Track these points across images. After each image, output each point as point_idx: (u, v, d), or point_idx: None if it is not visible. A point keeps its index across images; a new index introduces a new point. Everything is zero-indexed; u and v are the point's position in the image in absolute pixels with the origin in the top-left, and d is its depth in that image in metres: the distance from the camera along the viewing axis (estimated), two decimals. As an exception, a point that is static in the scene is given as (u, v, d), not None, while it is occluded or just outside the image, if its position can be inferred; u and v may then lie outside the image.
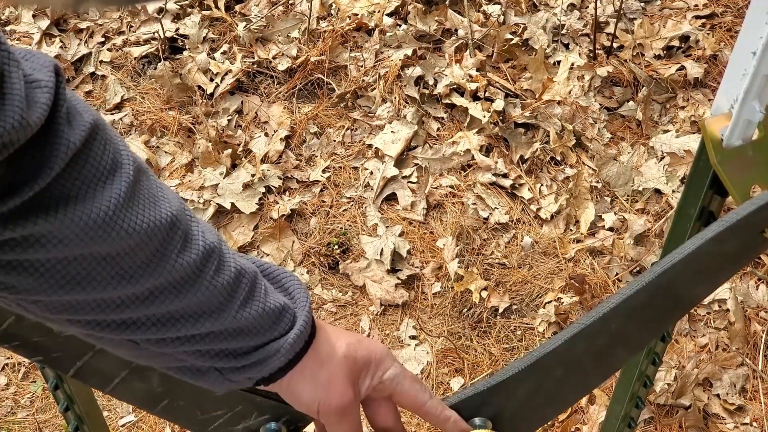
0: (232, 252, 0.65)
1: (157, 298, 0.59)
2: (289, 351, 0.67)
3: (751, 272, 2.14)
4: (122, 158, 0.55)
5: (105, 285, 0.56)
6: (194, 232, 0.60)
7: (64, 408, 1.11)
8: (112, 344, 0.63)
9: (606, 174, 2.34)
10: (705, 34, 2.60)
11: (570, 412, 1.93)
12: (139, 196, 0.56)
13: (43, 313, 0.57)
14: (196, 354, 0.65)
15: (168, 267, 0.58)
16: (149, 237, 0.56)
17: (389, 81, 2.49)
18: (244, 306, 0.64)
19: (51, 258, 0.52)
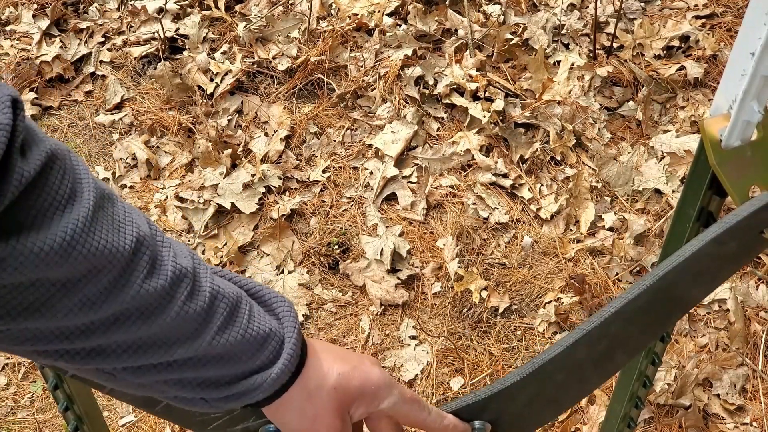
0: (211, 275, 0.63)
1: (123, 324, 0.58)
2: (274, 384, 0.65)
3: (751, 272, 2.14)
4: (82, 187, 0.55)
5: (66, 312, 0.55)
6: (164, 257, 0.59)
7: (64, 408, 1.11)
8: (89, 374, 0.61)
9: (606, 174, 2.34)
10: (705, 34, 2.60)
11: (570, 412, 1.93)
12: (100, 222, 0.55)
13: (8, 346, 0.56)
14: (177, 384, 0.63)
15: (132, 292, 0.57)
16: (110, 261, 0.55)
17: (389, 81, 2.49)
18: (221, 332, 0.62)
19: (6, 284, 0.51)
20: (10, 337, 0.55)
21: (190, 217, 2.27)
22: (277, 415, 0.69)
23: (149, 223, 0.60)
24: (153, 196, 2.32)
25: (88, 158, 2.42)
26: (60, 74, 2.60)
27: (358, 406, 0.71)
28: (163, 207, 2.28)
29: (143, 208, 2.29)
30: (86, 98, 2.58)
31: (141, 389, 0.64)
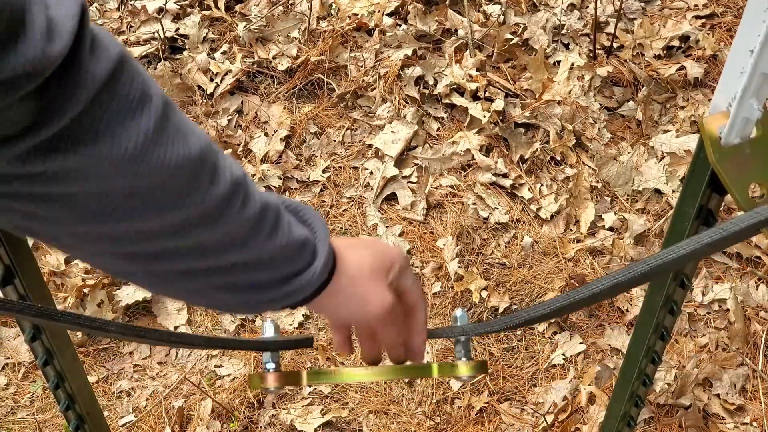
0: (257, 187, 0.66)
1: (187, 230, 0.60)
2: (314, 283, 0.69)
3: (751, 272, 2.14)
4: (151, 91, 0.54)
5: (138, 218, 0.56)
6: (222, 166, 0.61)
7: (65, 407, 1.12)
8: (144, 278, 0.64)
9: (606, 174, 2.34)
10: (705, 34, 2.60)
11: (570, 411, 1.93)
12: (168, 130, 0.55)
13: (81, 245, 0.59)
14: (225, 289, 0.66)
15: (197, 200, 0.59)
16: (178, 171, 0.56)
17: (389, 81, 2.49)
18: (269, 238, 0.65)
19: (81, 192, 0.53)
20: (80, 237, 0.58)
21: (190, 217, 2.27)
22: (324, 308, 0.74)
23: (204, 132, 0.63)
24: (153, 196, 2.32)
25: (89, 158, 2.43)
26: (60, 74, 2.59)
27: (394, 278, 0.77)
28: (163, 207, 2.28)
29: (143, 208, 2.29)
30: (86, 98, 2.58)
31: (191, 295, 0.68)
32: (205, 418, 1.94)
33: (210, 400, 1.95)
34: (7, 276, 0.91)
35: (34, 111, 0.48)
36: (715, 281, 2.13)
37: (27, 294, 0.93)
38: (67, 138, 0.50)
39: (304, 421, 1.93)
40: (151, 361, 2.06)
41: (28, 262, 0.93)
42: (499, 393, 1.97)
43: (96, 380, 2.01)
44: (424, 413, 1.93)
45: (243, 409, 1.96)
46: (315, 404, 1.97)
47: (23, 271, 0.91)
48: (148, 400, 1.99)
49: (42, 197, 0.52)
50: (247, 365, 2.03)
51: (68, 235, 0.58)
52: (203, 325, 2.11)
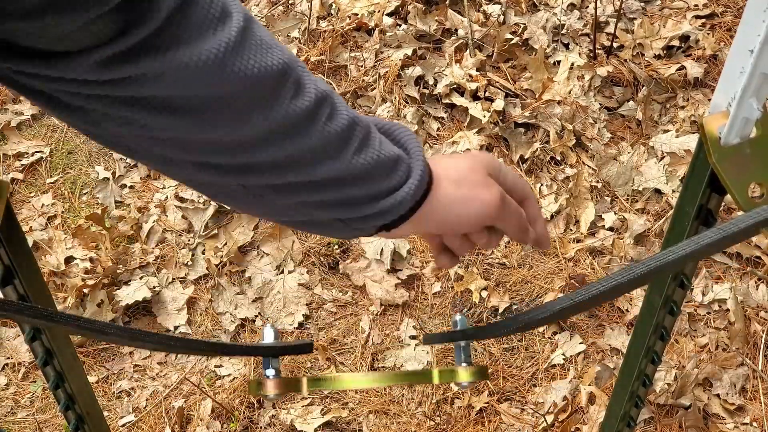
0: (345, 102, 0.68)
1: (272, 142, 0.62)
2: (411, 199, 0.70)
3: (751, 272, 2.14)
4: (233, 6, 0.58)
5: (226, 126, 0.60)
6: (306, 80, 0.63)
7: (65, 407, 1.12)
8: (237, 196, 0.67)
9: (606, 174, 2.34)
10: (705, 33, 2.60)
11: (570, 411, 1.93)
12: (249, 42, 0.58)
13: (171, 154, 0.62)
14: (317, 205, 0.68)
15: (281, 111, 0.61)
16: (260, 81, 0.59)
17: (389, 81, 2.49)
18: (358, 153, 0.66)
19: (167, 95, 0.56)
20: (177, 145, 0.61)
21: (190, 217, 2.27)
22: (434, 218, 0.73)
23: (289, 50, 0.64)
24: (153, 196, 2.32)
25: (88, 158, 2.43)
26: (60, 74, 2.60)
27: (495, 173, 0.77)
28: (163, 207, 2.28)
29: (143, 208, 2.29)
30: (86, 98, 2.58)
31: (283, 213, 0.70)
32: (205, 418, 1.94)
33: (210, 400, 1.95)
34: (6, 276, 0.90)
35: (120, 21, 0.52)
36: (715, 281, 2.13)
37: (27, 294, 0.93)
38: (149, 46, 0.54)
39: (304, 421, 1.93)
40: (151, 361, 2.06)
41: (27, 262, 0.93)
42: (499, 393, 1.97)
43: (96, 380, 2.01)
44: (424, 413, 1.93)
45: (243, 409, 1.96)
46: (315, 404, 1.97)
47: (23, 271, 0.91)
48: (148, 400, 1.99)
49: (131, 101, 0.56)
50: (247, 365, 2.03)
51: (163, 144, 0.61)
52: (203, 325, 2.11)
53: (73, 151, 2.45)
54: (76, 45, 0.52)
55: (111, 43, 0.53)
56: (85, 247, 2.19)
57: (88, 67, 0.53)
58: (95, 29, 0.52)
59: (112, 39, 0.53)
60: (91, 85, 0.55)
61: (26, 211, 2.31)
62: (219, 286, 2.16)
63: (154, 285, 2.14)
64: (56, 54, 0.52)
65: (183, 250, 2.21)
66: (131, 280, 2.15)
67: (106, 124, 0.59)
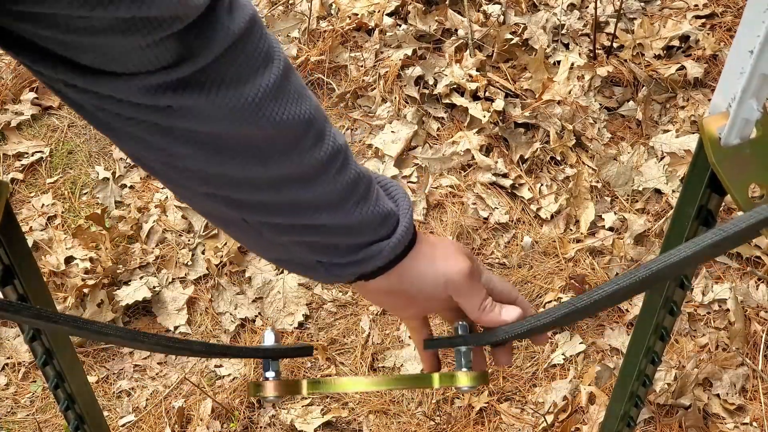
0: (353, 157, 0.71)
1: (283, 185, 0.65)
2: (391, 252, 0.73)
3: (751, 272, 2.14)
4: (275, 52, 0.61)
5: (243, 165, 0.62)
6: (327, 132, 0.66)
7: (65, 407, 1.12)
8: (235, 226, 0.70)
9: (606, 174, 2.34)
10: (705, 34, 2.60)
11: (570, 411, 1.93)
12: (286, 89, 0.61)
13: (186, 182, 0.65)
14: (307, 246, 0.71)
15: (299, 158, 0.64)
16: (288, 128, 0.62)
17: (389, 81, 2.49)
18: (357, 205, 0.70)
19: (200, 130, 0.59)
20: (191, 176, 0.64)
21: (190, 217, 2.27)
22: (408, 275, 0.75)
23: (315, 98, 0.66)
24: (153, 196, 2.32)
25: (88, 158, 2.43)
26: (60, 74, 2.59)
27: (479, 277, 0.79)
28: (163, 207, 2.28)
29: (143, 208, 2.29)
30: (86, 98, 2.58)
31: (274, 250, 0.73)
32: (205, 418, 1.94)
33: (210, 400, 1.95)
34: (6, 276, 0.90)
35: (173, 53, 0.55)
36: (715, 281, 2.13)
37: (26, 294, 0.93)
38: (195, 81, 0.56)
39: (304, 421, 1.93)
40: (151, 361, 2.06)
41: (27, 262, 0.93)
42: (499, 393, 1.97)
43: (96, 380, 2.01)
44: (424, 413, 1.93)
45: (243, 409, 1.96)
46: (315, 404, 1.97)
47: (23, 271, 0.91)
48: (148, 400, 1.99)
49: (165, 129, 0.59)
50: (247, 365, 2.03)
51: (180, 172, 0.64)
52: (203, 325, 2.11)
53: (73, 151, 2.45)
54: (129, 68, 0.54)
55: (163, 71, 0.55)
56: (85, 247, 2.19)
57: (137, 89, 0.55)
58: (150, 55, 0.54)
59: (164, 68, 0.55)
60: (133, 108, 0.57)
61: (26, 211, 2.31)
62: (219, 286, 2.16)
63: (154, 285, 2.14)
64: (108, 73, 0.54)
65: (183, 250, 2.22)
66: (131, 280, 2.15)
67: (131, 144, 0.62)
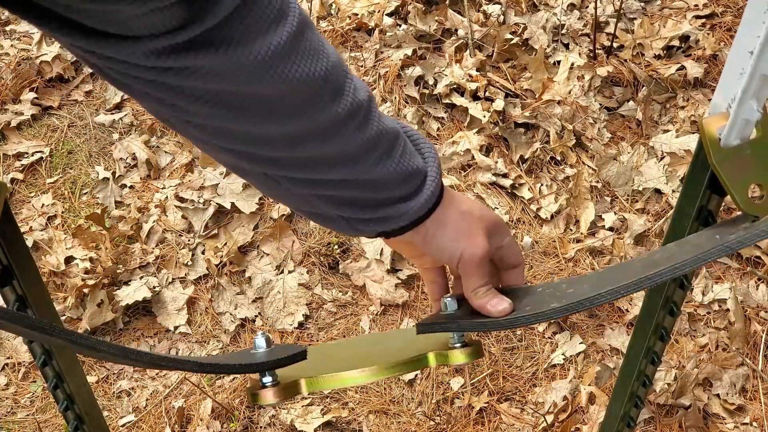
0: (379, 113, 0.70)
1: (301, 141, 0.65)
2: (414, 215, 0.73)
3: (751, 272, 2.14)
4: (290, 9, 0.60)
5: (256, 122, 0.63)
6: (345, 88, 0.66)
7: (64, 408, 1.12)
8: (256, 178, 0.70)
9: (606, 174, 2.34)
10: (705, 34, 2.60)
11: (570, 411, 1.93)
12: (300, 47, 0.61)
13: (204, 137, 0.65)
14: (327, 200, 0.71)
15: (315, 116, 0.64)
16: (301, 86, 0.62)
17: (389, 81, 2.49)
18: (378, 162, 0.70)
19: (211, 89, 0.59)
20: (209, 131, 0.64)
21: (190, 217, 2.27)
22: (429, 237, 0.76)
23: (336, 52, 0.66)
24: (153, 196, 2.32)
25: (88, 158, 2.42)
26: (60, 74, 2.60)
27: (494, 237, 0.80)
28: (163, 207, 2.28)
29: (143, 208, 2.29)
30: (86, 98, 2.58)
31: (295, 200, 0.73)
32: (205, 418, 1.94)
33: (210, 400, 1.95)
34: (4, 277, 0.90)
35: (179, 17, 0.54)
36: (715, 281, 2.13)
37: (25, 295, 0.93)
38: (202, 42, 0.56)
39: (304, 421, 1.93)
40: (151, 361, 2.06)
41: (26, 262, 0.93)
42: (499, 393, 1.97)
43: (96, 380, 2.01)
44: (424, 413, 1.93)
45: (243, 409, 1.96)
46: (315, 404, 1.97)
47: (21, 271, 0.91)
48: (148, 400, 1.99)
49: (176, 88, 0.59)
50: (247, 365, 2.03)
51: (196, 128, 0.64)
52: (203, 325, 2.11)
53: (73, 151, 2.45)
54: (134, 31, 0.54)
55: (168, 34, 0.55)
56: (85, 247, 2.19)
57: (141, 53, 0.56)
58: (156, 20, 0.54)
59: (170, 31, 0.55)
60: (139, 69, 0.57)
61: (26, 211, 2.30)
62: (219, 286, 2.16)
63: (154, 285, 2.14)
64: (113, 36, 0.55)
65: (183, 250, 2.21)
66: (131, 280, 2.15)
67: (147, 102, 0.63)
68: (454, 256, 0.77)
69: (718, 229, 0.75)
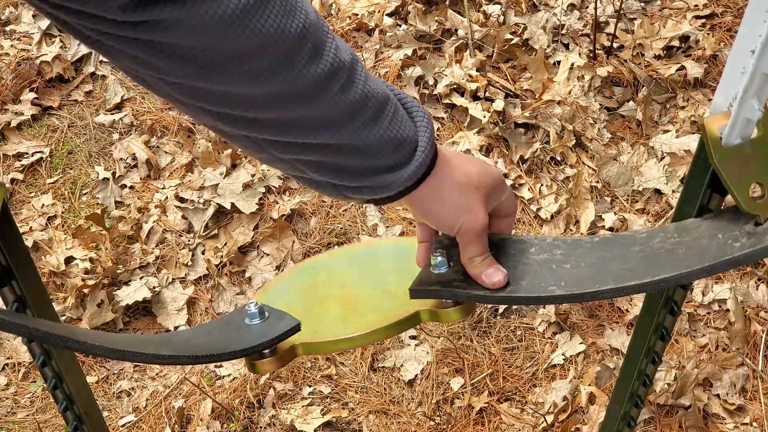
0: (366, 75, 0.67)
1: (280, 102, 0.63)
2: (401, 185, 0.71)
3: (751, 272, 2.14)
4: None
5: (232, 80, 0.60)
6: (326, 47, 0.63)
7: (63, 408, 1.11)
8: (239, 141, 0.68)
9: (606, 174, 2.34)
10: (705, 34, 2.60)
11: (570, 411, 1.93)
12: (273, 1, 0.59)
13: (180, 97, 0.63)
14: (313, 165, 0.69)
15: (292, 75, 0.62)
16: (275, 42, 0.59)
17: (389, 81, 2.49)
18: (365, 127, 0.67)
19: (183, 44, 0.57)
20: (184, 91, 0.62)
21: (190, 217, 2.27)
22: (426, 205, 0.75)
23: (317, 13, 0.64)
24: (153, 196, 2.32)
25: (88, 158, 2.42)
26: (60, 74, 2.60)
27: (493, 196, 0.79)
28: (163, 207, 2.28)
29: (143, 208, 2.29)
30: (86, 98, 2.58)
31: (281, 164, 0.71)
32: (205, 418, 1.94)
33: (210, 400, 1.95)
34: (4, 277, 0.90)
35: None
36: (715, 281, 2.13)
37: (25, 295, 0.93)
38: None
39: (304, 421, 1.93)
40: (151, 361, 2.06)
41: (25, 263, 0.93)
42: (499, 393, 1.97)
43: (96, 380, 2.01)
44: (424, 413, 1.93)
45: (243, 409, 1.95)
46: (315, 404, 1.97)
47: (20, 272, 0.91)
48: (148, 400, 1.99)
49: (146, 43, 0.58)
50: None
51: (171, 86, 0.62)
52: (203, 326, 2.10)
53: (73, 151, 2.45)
54: None
55: None
56: (85, 247, 2.19)
57: (108, 7, 0.55)
58: None
59: None
60: (108, 24, 0.56)
61: (26, 211, 2.30)
62: (219, 286, 2.16)
63: (154, 285, 2.14)
64: None
65: (183, 250, 2.21)
66: (131, 280, 2.15)
67: (121, 60, 0.61)
68: (453, 228, 0.77)
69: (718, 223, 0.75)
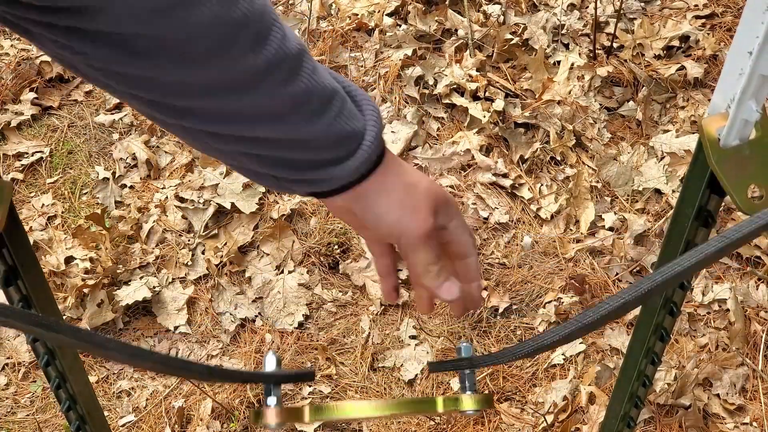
0: (314, 67, 0.64)
1: (214, 92, 0.59)
2: (344, 179, 0.68)
3: (751, 272, 2.14)
4: None
5: (162, 65, 0.57)
6: (270, 37, 0.60)
7: (66, 408, 1.12)
8: (176, 131, 0.65)
9: (606, 174, 2.34)
10: (705, 34, 2.60)
11: (570, 411, 1.93)
12: None
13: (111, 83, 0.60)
14: (253, 158, 0.66)
15: (229, 64, 0.58)
16: (210, 29, 0.56)
17: (389, 81, 2.49)
18: (308, 121, 0.64)
19: (109, 31, 0.54)
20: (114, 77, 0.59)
21: (190, 217, 2.27)
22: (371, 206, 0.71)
23: (266, 1, 0.60)
24: (153, 196, 2.32)
25: (88, 158, 2.43)
26: (60, 74, 2.60)
27: (441, 215, 0.74)
28: (163, 207, 2.28)
29: (143, 208, 2.29)
30: (86, 98, 2.58)
31: (220, 155, 0.67)
32: (205, 418, 1.94)
33: (210, 400, 1.95)
34: (9, 277, 0.90)
35: None
36: (715, 281, 2.14)
37: (30, 295, 0.93)
38: None
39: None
40: (152, 361, 2.06)
41: (30, 263, 0.93)
42: (499, 393, 1.98)
43: (96, 380, 2.02)
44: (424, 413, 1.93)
45: (243, 409, 1.96)
46: (315, 404, 1.97)
47: (26, 272, 0.91)
48: (148, 400, 1.99)
49: (72, 30, 0.54)
50: (248, 366, 2.03)
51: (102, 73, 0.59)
52: (203, 325, 2.11)
53: (73, 151, 2.45)
54: None
55: None
56: (85, 247, 2.19)
57: None
58: None
59: None
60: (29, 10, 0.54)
61: (26, 211, 2.31)
62: (219, 286, 2.16)
63: (154, 285, 2.14)
64: None
65: (183, 250, 2.22)
66: (131, 280, 2.15)
67: (48, 46, 0.58)
68: (394, 231, 0.71)
69: None
